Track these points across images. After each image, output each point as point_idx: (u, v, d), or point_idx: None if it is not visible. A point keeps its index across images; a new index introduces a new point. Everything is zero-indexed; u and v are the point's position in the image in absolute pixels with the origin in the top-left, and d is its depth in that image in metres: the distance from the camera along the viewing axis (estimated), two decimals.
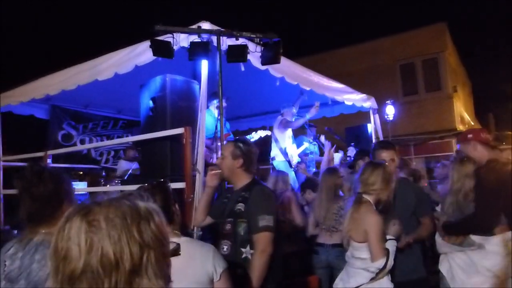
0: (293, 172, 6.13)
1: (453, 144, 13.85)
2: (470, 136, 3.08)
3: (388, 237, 2.65)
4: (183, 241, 1.97)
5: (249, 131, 7.65)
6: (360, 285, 2.62)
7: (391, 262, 2.56)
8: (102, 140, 8.55)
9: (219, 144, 5.12)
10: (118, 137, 8.82)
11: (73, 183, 5.84)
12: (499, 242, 2.83)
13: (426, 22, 14.18)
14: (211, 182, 3.01)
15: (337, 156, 6.41)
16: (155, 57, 4.57)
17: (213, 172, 2.96)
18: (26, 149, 7.24)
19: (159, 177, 4.17)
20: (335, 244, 3.73)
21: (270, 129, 7.90)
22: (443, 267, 3.10)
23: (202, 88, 4.18)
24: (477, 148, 3.01)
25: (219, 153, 3.17)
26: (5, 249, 1.78)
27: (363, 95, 7.58)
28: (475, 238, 2.89)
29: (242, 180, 2.82)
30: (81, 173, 8.12)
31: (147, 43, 4.71)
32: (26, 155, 6.05)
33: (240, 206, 2.68)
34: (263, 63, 4.31)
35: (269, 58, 4.23)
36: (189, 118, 4.36)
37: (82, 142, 8.30)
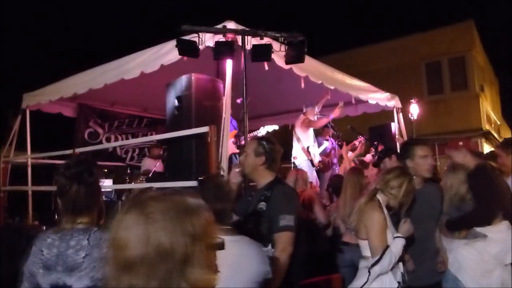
0: (314, 172, 6.12)
1: (479, 144, 13.58)
2: (461, 144, 3.28)
3: (396, 235, 2.62)
4: (238, 239, 2.02)
5: None
6: (363, 285, 2.59)
7: (390, 259, 2.51)
8: (127, 138, 8.71)
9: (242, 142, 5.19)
10: (143, 135, 8.97)
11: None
12: (502, 229, 2.93)
13: (453, 20, 13.92)
14: (234, 178, 3.04)
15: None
16: (180, 56, 4.65)
17: (237, 169, 3.00)
18: (52, 147, 7.45)
19: (184, 175, 4.25)
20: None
21: (292, 127, 7.93)
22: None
23: (226, 87, 4.23)
24: (467, 156, 3.19)
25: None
26: (42, 239, 1.87)
27: (387, 94, 7.51)
28: (478, 229, 2.97)
29: (264, 178, 2.82)
30: (106, 170, 8.28)
31: (172, 43, 4.78)
32: (55, 153, 6.20)
33: (262, 205, 2.67)
34: (287, 62, 4.33)
35: (294, 57, 4.25)
36: (213, 116, 4.41)
37: (108, 139, 8.48)
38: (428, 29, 13.98)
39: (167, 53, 4.82)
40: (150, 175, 6.81)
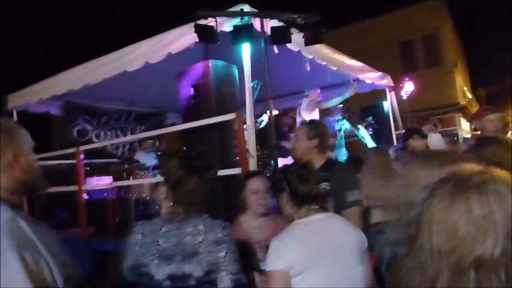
0: None
1: (456, 119, 14.01)
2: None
3: None
4: (332, 215, 2.06)
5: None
6: None
7: None
8: (116, 134, 8.45)
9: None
10: (132, 129, 8.72)
11: (99, 178, 5.75)
12: None
13: None
14: None
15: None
16: (189, 44, 4.49)
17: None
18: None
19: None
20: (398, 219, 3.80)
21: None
22: None
23: (246, 72, 4.13)
24: None
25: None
26: (153, 229, 1.83)
27: (380, 73, 7.60)
28: None
29: (317, 160, 2.83)
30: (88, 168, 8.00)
31: (179, 30, 4.61)
32: (56, 153, 5.91)
33: (325, 185, 2.70)
34: (306, 44, 4.27)
35: (312, 38, 4.20)
36: (232, 103, 4.32)
37: (97, 136, 8.20)
38: (399, 8, 14.20)
39: (173, 40, 4.63)
40: (151, 169, 6.66)
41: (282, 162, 4.31)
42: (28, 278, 1.13)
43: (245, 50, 4.12)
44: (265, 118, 6.02)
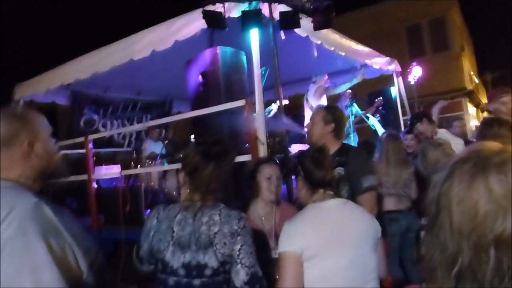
0: None
1: (463, 104, 13.89)
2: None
3: None
4: (346, 201, 2.00)
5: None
6: None
7: None
8: (123, 123, 8.44)
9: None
10: (138, 118, 8.71)
11: (108, 166, 5.72)
12: None
13: None
14: None
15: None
16: (195, 32, 4.44)
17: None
18: None
19: None
20: (409, 208, 3.80)
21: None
22: None
23: (254, 58, 4.08)
24: None
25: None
26: (170, 216, 1.82)
27: (387, 58, 7.52)
28: None
29: (333, 145, 2.81)
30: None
31: (185, 18, 4.57)
32: (66, 142, 5.90)
33: (340, 170, 2.68)
34: (315, 28, 4.23)
35: (321, 22, 4.15)
36: (241, 90, 4.29)
37: (104, 126, 8.20)
38: None
39: (180, 28, 4.58)
40: (158, 158, 6.66)
41: (297, 148, 4.29)
42: (53, 263, 1.12)
43: (254, 36, 4.07)
44: (273, 107, 5.99)
